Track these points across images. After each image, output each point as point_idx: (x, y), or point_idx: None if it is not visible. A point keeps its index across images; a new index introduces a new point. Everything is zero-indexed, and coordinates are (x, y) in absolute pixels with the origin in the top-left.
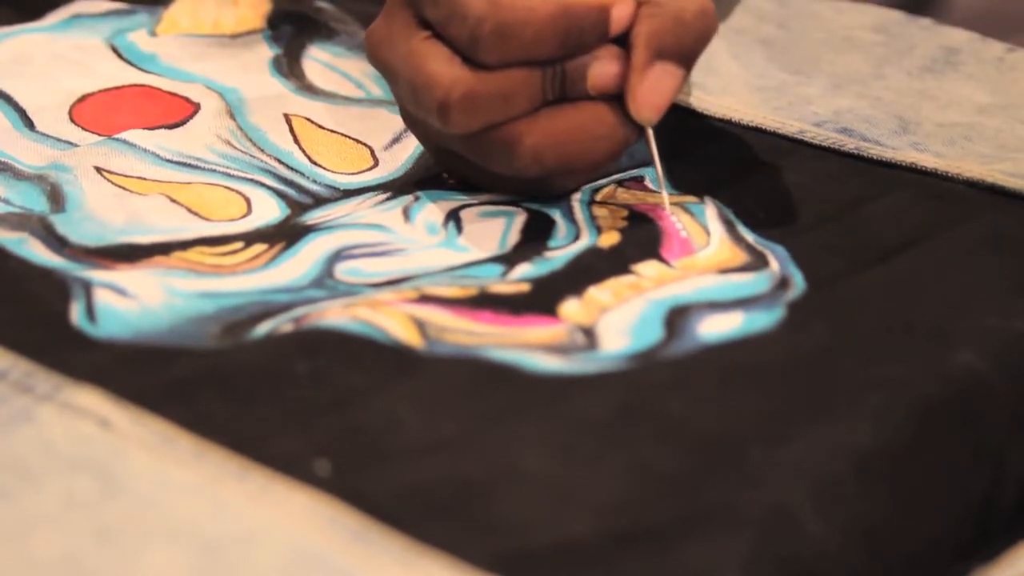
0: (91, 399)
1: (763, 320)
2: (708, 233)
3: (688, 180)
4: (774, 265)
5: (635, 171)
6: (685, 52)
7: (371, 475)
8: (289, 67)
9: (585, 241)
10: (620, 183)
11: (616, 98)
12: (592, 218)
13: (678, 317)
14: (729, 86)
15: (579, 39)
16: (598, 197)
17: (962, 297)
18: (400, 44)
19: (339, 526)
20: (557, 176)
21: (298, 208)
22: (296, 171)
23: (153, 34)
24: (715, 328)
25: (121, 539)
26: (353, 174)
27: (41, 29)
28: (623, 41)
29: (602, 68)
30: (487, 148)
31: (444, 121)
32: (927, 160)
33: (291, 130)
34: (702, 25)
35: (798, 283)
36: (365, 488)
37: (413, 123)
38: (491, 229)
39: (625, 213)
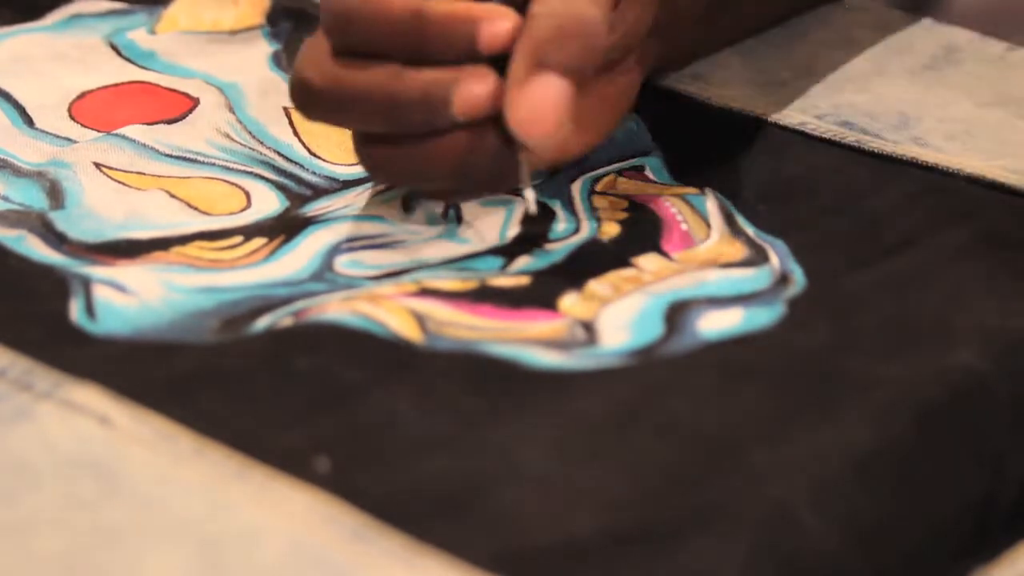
0: (90, 396)
1: (763, 317)
2: (708, 225)
3: (688, 171)
4: (774, 260)
5: (635, 160)
6: (568, 62)
7: (371, 473)
8: (288, 62)
9: (585, 233)
10: (620, 173)
11: (471, 126)
12: (592, 209)
13: (678, 313)
14: (731, 80)
15: (434, 46)
16: (598, 187)
17: (962, 295)
18: (316, 31)
19: (339, 524)
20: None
21: (298, 200)
22: (295, 163)
23: (152, 33)
24: (715, 324)
25: (120, 537)
26: (353, 164)
27: (41, 29)
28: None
29: (468, 89)
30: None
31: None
32: (928, 155)
33: (290, 123)
34: (583, 32)
35: (798, 279)
36: (365, 486)
37: None
38: (491, 220)
39: (625, 204)
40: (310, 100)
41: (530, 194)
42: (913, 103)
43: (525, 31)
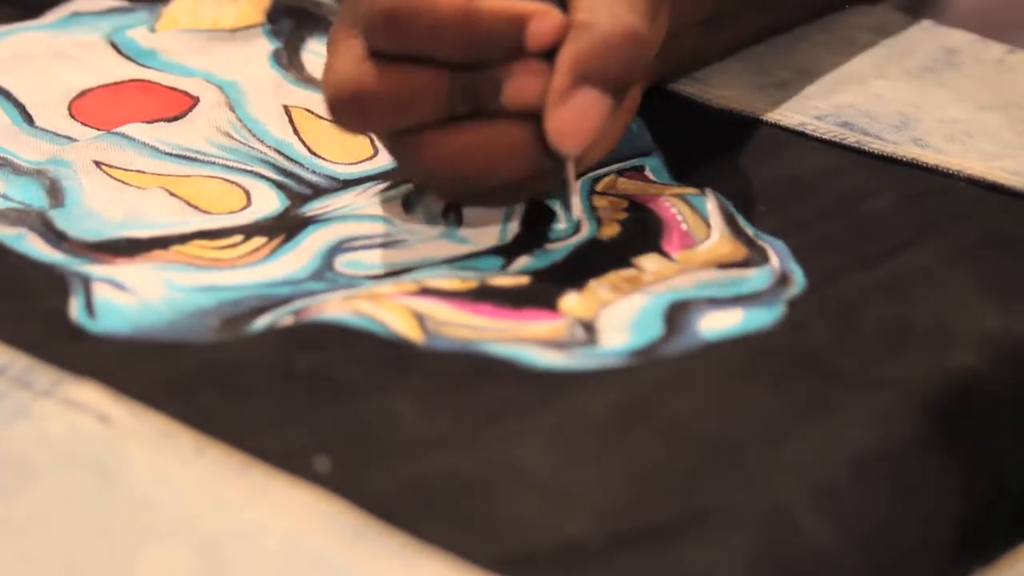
0: (90, 394)
1: (763, 317)
2: (708, 226)
3: (688, 172)
4: (774, 261)
5: (636, 160)
6: (612, 78)
7: (371, 472)
8: (289, 60)
9: (585, 233)
10: (620, 173)
11: (537, 117)
12: (592, 209)
13: (678, 313)
14: (731, 81)
15: (483, 45)
16: (598, 188)
17: (962, 297)
18: (331, 41)
19: (339, 523)
20: (466, 195)
21: (298, 199)
22: (295, 162)
23: (153, 31)
24: (715, 325)
25: (120, 535)
26: (353, 164)
27: (41, 27)
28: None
29: (520, 82)
30: (396, 153)
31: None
32: (928, 156)
33: (290, 121)
34: (630, 48)
35: (798, 280)
36: (365, 485)
37: None
38: (491, 220)
39: (625, 204)
40: (361, 107)
41: (576, 200)
42: (913, 104)
43: (570, 39)
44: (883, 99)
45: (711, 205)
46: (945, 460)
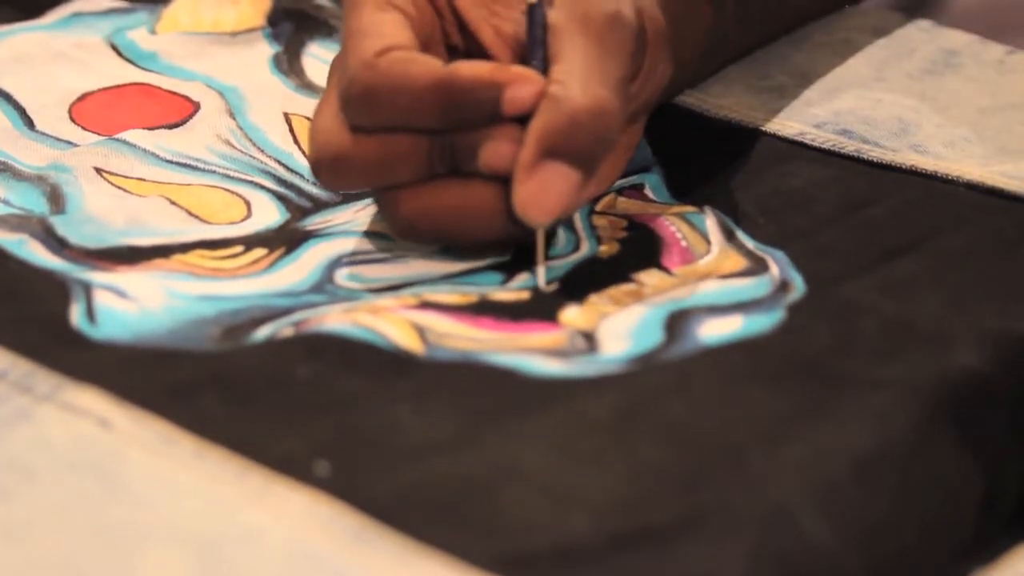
0: (91, 399)
1: (763, 322)
2: (708, 242)
3: (688, 186)
4: (774, 269)
5: (635, 178)
6: (579, 152)
7: (371, 476)
8: (289, 64)
9: (585, 251)
10: (620, 191)
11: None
12: (592, 228)
13: (678, 321)
14: (730, 88)
15: (461, 113)
16: (598, 207)
17: (962, 298)
18: (329, 76)
19: (339, 526)
20: (445, 247)
21: (298, 212)
22: (296, 173)
23: (153, 32)
24: (715, 331)
25: (120, 539)
26: None
27: (41, 27)
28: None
29: (495, 147)
30: (378, 205)
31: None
32: (927, 163)
33: (291, 130)
34: (597, 124)
35: (798, 286)
36: (365, 488)
37: None
38: None
39: (625, 223)
40: (342, 170)
41: (542, 270)
42: (912, 109)
43: (540, 110)
44: (882, 103)
45: (710, 222)
46: (945, 460)
